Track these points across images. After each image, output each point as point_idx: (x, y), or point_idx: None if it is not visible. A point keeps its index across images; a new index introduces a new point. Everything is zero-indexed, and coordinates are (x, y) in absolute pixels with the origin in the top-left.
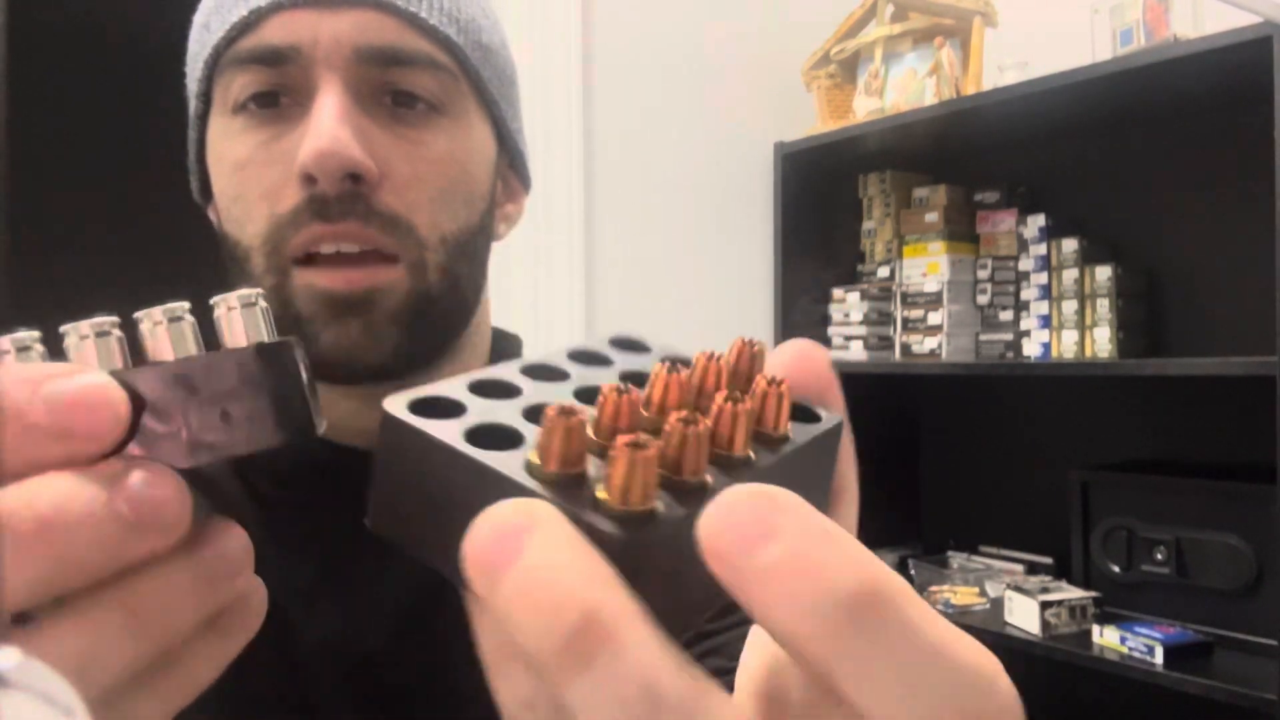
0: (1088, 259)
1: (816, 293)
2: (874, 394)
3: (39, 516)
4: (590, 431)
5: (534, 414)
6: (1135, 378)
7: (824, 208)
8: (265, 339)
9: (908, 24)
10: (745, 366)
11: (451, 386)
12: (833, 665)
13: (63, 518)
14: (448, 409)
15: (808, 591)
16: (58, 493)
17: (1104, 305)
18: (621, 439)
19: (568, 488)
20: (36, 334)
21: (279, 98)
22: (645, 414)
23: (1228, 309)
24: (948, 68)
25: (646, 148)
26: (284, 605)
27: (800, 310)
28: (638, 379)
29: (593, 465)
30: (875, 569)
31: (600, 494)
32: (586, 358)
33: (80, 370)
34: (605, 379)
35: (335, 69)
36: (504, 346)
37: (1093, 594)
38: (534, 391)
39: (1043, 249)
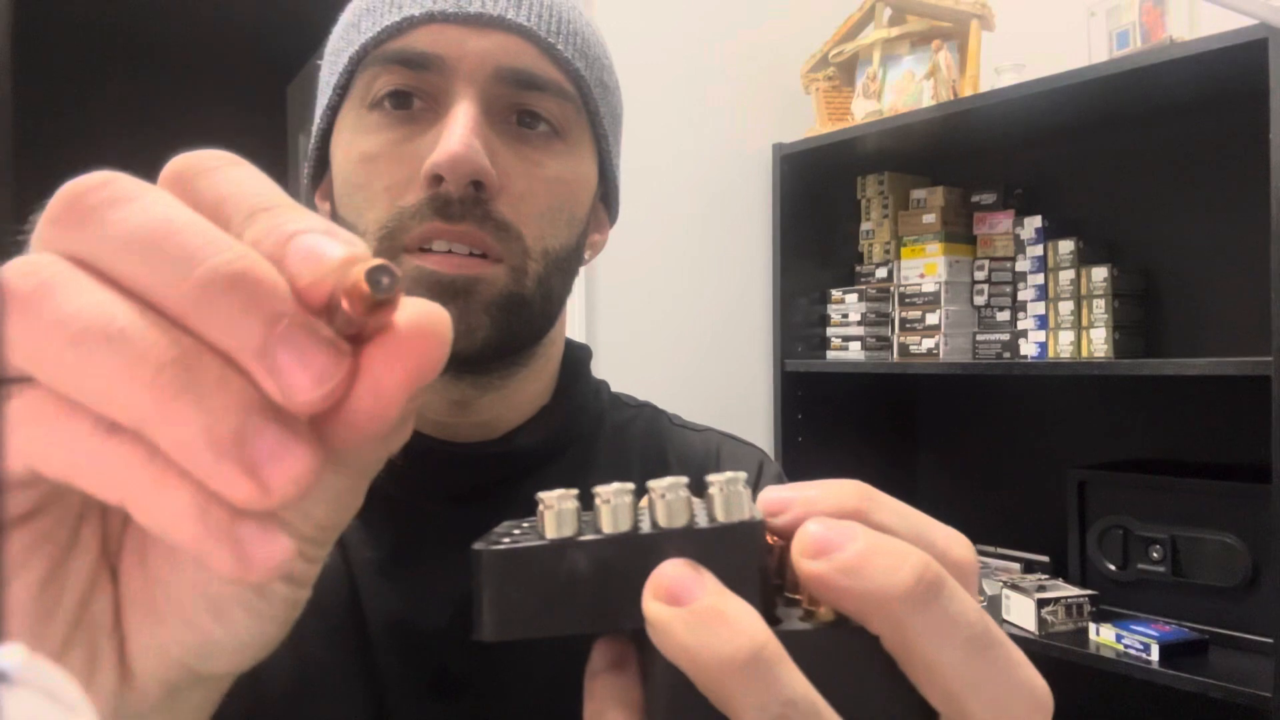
0: (1084, 260)
1: (815, 293)
2: (872, 394)
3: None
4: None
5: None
6: (1131, 378)
7: (822, 209)
8: (748, 518)
9: (905, 27)
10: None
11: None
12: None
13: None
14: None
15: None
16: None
17: (1100, 306)
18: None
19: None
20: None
21: (413, 100)
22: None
23: (1223, 309)
24: (945, 70)
25: (646, 149)
26: (358, 582)
27: (799, 311)
28: None
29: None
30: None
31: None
32: None
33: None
34: None
35: (474, 83)
36: (576, 355)
37: (1089, 592)
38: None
39: (1039, 250)
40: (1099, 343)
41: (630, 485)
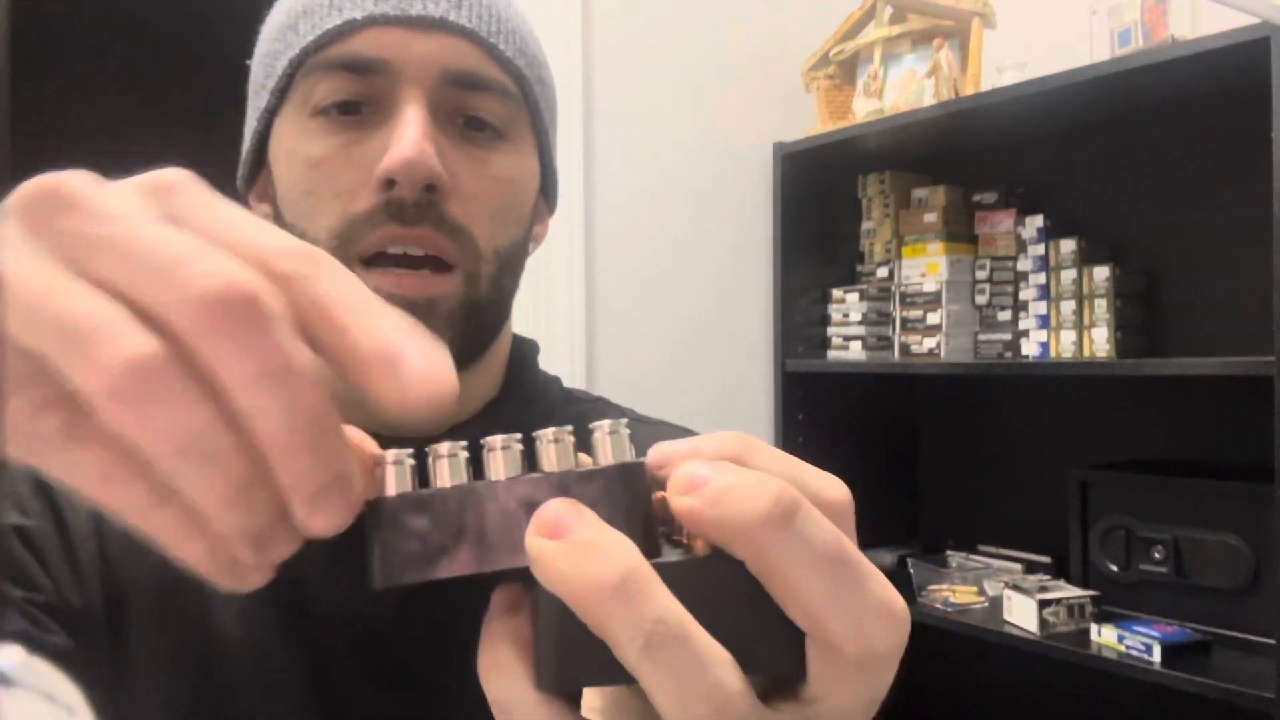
0: (1086, 259)
1: (815, 293)
2: (873, 394)
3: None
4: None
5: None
6: (1133, 377)
7: (823, 208)
8: (629, 460)
9: (906, 25)
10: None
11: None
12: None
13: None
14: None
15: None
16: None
17: (1102, 305)
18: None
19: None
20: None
21: (361, 106)
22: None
23: (1225, 309)
24: (946, 69)
25: (646, 148)
26: (301, 573)
27: (799, 310)
28: None
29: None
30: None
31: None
32: None
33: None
34: None
35: (420, 86)
36: (523, 350)
37: (1091, 593)
38: None
39: (1041, 249)
40: (1101, 342)
41: (518, 435)
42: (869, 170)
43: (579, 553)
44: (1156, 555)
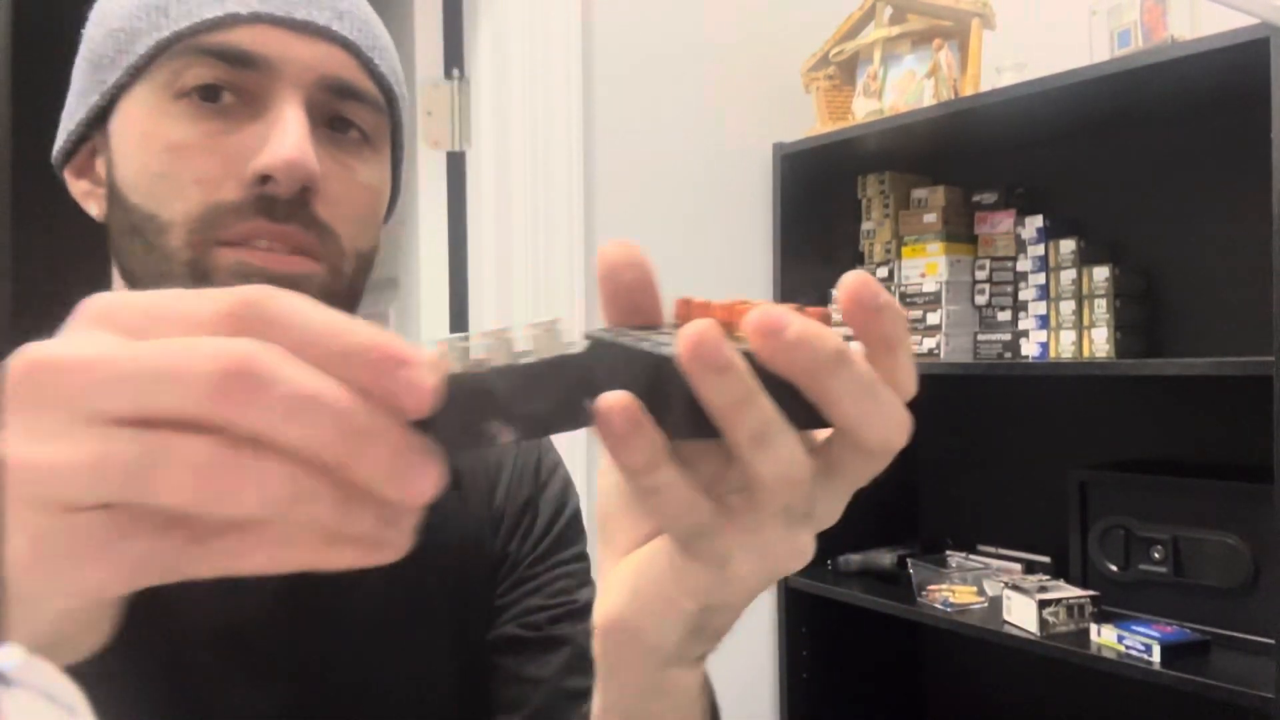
0: (1085, 259)
1: (815, 293)
2: None
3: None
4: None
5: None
6: (1133, 378)
7: (823, 209)
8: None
9: (906, 26)
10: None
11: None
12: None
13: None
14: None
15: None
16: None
17: (1101, 305)
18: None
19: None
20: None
21: (222, 94)
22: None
23: (1225, 309)
24: (946, 69)
25: (646, 148)
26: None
27: None
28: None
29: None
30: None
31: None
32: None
33: (424, 361)
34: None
35: (299, 88)
36: None
37: (1090, 593)
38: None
39: (1041, 249)
40: (1100, 342)
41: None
42: (869, 170)
43: (727, 367)
44: (1156, 555)
